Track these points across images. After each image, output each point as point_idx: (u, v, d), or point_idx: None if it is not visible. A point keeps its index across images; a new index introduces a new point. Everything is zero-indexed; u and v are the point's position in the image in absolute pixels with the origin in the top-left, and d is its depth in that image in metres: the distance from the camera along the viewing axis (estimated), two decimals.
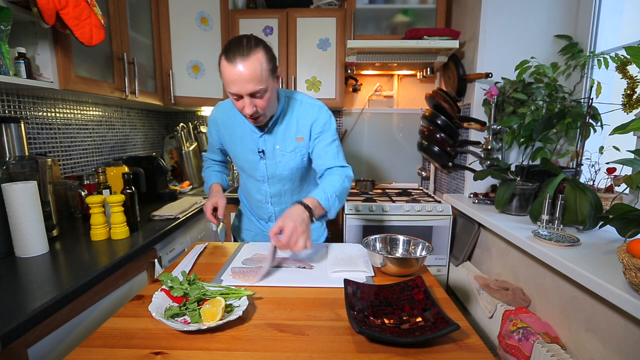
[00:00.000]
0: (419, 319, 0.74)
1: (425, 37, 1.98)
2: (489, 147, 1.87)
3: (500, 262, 1.72)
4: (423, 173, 2.62)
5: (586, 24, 1.74)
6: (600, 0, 1.70)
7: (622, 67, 1.31)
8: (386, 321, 0.75)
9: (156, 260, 1.29)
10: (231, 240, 1.58)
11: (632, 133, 1.32)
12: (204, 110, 2.61)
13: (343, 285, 0.86)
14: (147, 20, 1.90)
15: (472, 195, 1.98)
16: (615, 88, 1.59)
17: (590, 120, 1.53)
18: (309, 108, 1.18)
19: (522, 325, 1.30)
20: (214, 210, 1.26)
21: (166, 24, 2.01)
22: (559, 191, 1.42)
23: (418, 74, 2.56)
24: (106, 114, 1.92)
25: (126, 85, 1.62)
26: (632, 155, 1.17)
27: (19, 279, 0.90)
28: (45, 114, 1.50)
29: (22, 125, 1.16)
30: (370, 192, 2.41)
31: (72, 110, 1.66)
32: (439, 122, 2.09)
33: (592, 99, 1.50)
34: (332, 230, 2.12)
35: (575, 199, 1.36)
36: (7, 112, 1.32)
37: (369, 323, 0.73)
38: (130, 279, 1.15)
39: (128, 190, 1.31)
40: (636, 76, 1.28)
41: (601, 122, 1.55)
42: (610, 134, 1.17)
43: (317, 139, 1.18)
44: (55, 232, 1.23)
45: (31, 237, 1.05)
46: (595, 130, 1.56)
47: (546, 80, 1.74)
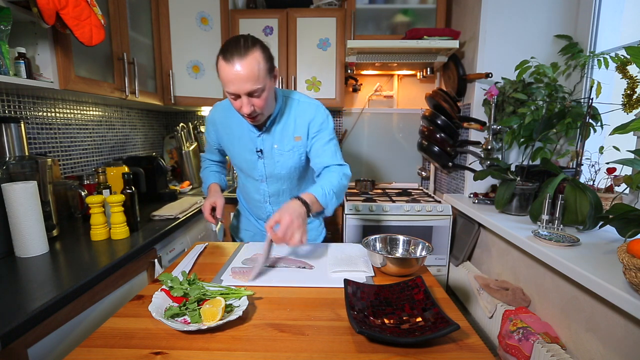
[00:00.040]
0: (419, 319, 0.74)
1: (425, 37, 1.98)
2: (489, 147, 1.87)
3: (500, 262, 1.72)
4: (423, 173, 2.62)
5: (586, 24, 1.75)
6: (600, 0, 1.70)
7: (622, 67, 1.31)
8: (386, 321, 0.75)
9: (156, 260, 1.29)
10: (230, 239, 1.58)
11: (632, 133, 1.32)
12: (204, 110, 2.61)
13: (343, 285, 0.86)
14: (147, 20, 1.90)
15: (472, 195, 1.98)
16: (615, 88, 1.59)
17: (590, 120, 1.53)
18: (307, 107, 1.18)
19: (522, 325, 1.30)
20: (213, 210, 1.26)
21: (166, 24, 2.01)
22: (559, 191, 1.42)
23: (418, 74, 2.56)
24: (106, 114, 1.92)
25: (126, 85, 1.62)
26: (632, 155, 1.17)
27: (19, 279, 0.90)
28: (45, 114, 1.50)
29: (22, 125, 1.16)
30: (370, 192, 2.41)
31: (72, 110, 1.66)
32: (439, 122, 2.09)
33: (592, 99, 1.50)
34: (332, 230, 2.12)
35: (575, 199, 1.36)
36: (7, 112, 1.32)
37: (369, 323, 0.73)
38: (130, 279, 1.15)
39: (128, 190, 1.31)
40: (636, 76, 1.28)
41: (601, 122, 1.55)
42: (610, 134, 1.17)
43: (314, 138, 1.18)
44: (55, 232, 1.23)
45: (31, 237, 1.05)
46: (595, 130, 1.56)
47: (546, 80, 1.74)
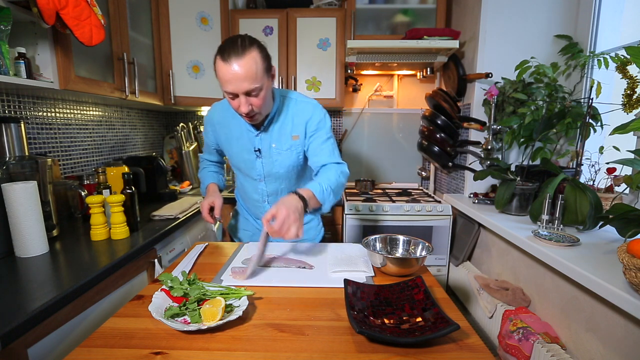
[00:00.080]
0: (419, 319, 0.74)
1: (425, 37, 1.98)
2: (489, 147, 1.87)
3: (500, 262, 1.72)
4: (423, 173, 2.62)
5: (586, 24, 1.75)
6: (600, 0, 1.70)
7: (622, 67, 1.31)
8: (386, 321, 0.75)
9: (156, 260, 1.29)
10: (228, 239, 1.58)
11: (632, 133, 1.32)
12: (204, 110, 2.61)
13: (343, 285, 0.86)
14: (147, 20, 1.90)
15: (472, 195, 1.98)
16: (615, 88, 1.59)
17: (590, 120, 1.53)
18: (304, 106, 1.19)
19: (522, 325, 1.30)
20: (211, 210, 1.27)
21: (166, 24, 2.01)
22: (559, 191, 1.42)
23: (418, 74, 2.56)
24: (106, 114, 1.92)
25: (126, 85, 1.62)
26: (632, 155, 1.17)
27: (19, 279, 0.90)
28: (45, 114, 1.50)
29: (22, 125, 1.16)
30: (370, 192, 2.41)
31: (72, 110, 1.66)
32: (439, 122, 2.09)
33: (592, 99, 1.50)
34: (332, 230, 2.12)
35: (575, 199, 1.36)
36: (7, 112, 1.32)
37: (369, 323, 0.73)
38: (130, 279, 1.15)
39: (128, 190, 1.31)
40: (636, 76, 1.28)
41: (601, 122, 1.55)
42: (610, 134, 1.17)
43: (312, 137, 1.19)
44: (55, 232, 1.23)
45: (31, 237, 1.05)
46: (595, 130, 1.56)
47: (546, 80, 1.74)
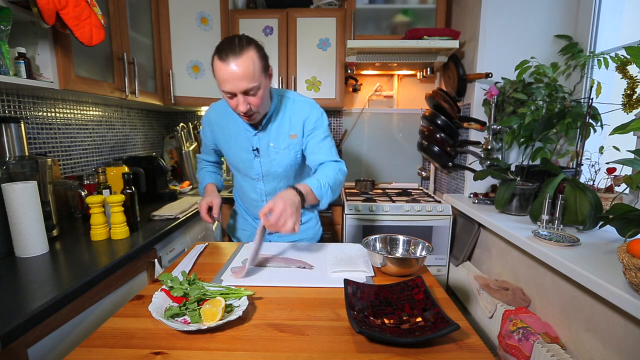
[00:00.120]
0: (419, 319, 0.74)
1: (425, 37, 1.98)
2: (489, 147, 1.87)
3: (500, 262, 1.72)
4: (423, 173, 2.62)
5: (586, 24, 1.74)
6: (600, 0, 1.70)
7: (622, 67, 1.31)
8: (386, 321, 0.75)
9: (156, 260, 1.29)
10: (227, 239, 1.58)
11: (632, 133, 1.32)
12: (204, 110, 2.60)
13: (343, 285, 0.86)
14: (147, 20, 1.90)
15: (472, 195, 1.98)
16: (615, 88, 1.59)
17: (590, 120, 1.53)
18: (301, 106, 1.20)
19: (522, 325, 1.30)
20: (209, 210, 1.27)
21: (166, 24, 2.01)
22: (559, 191, 1.42)
23: (418, 74, 2.56)
24: (106, 114, 1.92)
25: (126, 85, 1.62)
26: (632, 155, 1.17)
27: (19, 279, 0.90)
28: (45, 114, 1.50)
29: (22, 125, 1.16)
30: (370, 192, 2.41)
31: (72, 110, 1.66)
32: (439, 122, 2.09)
33: (592, 99, 1.50)
34: (332, 230, 2.12)
35: (575, 199, 1.36)
36: (7, 112, 1.32)
37: (369, 323, 0.73)
38: (130, 279, 1.15)
39: (128, 190, 1.31)
40: (636, 76, 1.28)
41: (601, 122, 1.55)
42: (610, 134, 1.17)
43: (309, 136, 1.19)
44: (55, 232, 1.23)
45: (31, 237, 1.05)
46: (595, 130, 1.56)
47: (546, 80, 1.74)
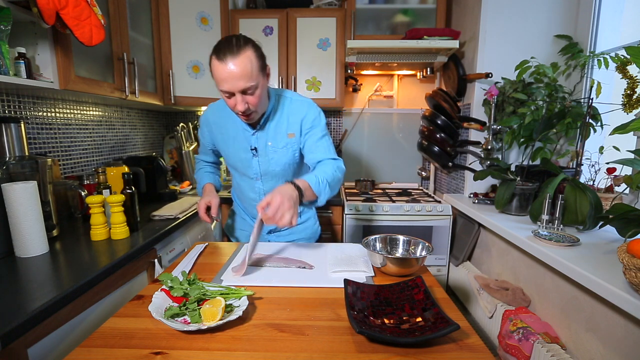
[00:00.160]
0: (419, 319, 0.74)
1: (425, 37, 1.98)
2: (489, 147, 1.87)
3: (500, 262, 1.72)
4: (423, 173, 2.62)
5: (586, 24, 1.74)
6: (600, 0, 1.70)
7: (622, 67, 1.31)
8: (386, 321, 0.75)
9: (156, 260, 1.29)
10: (227, 239, 1.58)
11: (632, 133, 1.32)
12: (204, 110, 2.60)
13: (343, 285, 0.86)
14: (147, 20, 1.90)
15: (472, 195, 1.98)
16: (615, 88, 1.59)
17: (590, 120, 1.53)
18: (299, 105, 1.21)
19: (522, 325, 1.30)
20: (208, 210, 1.28)
21: (166, 24, 2.01)
22: (559, 191, 1.42)
23: (418, 74, 2.56)
24: (106, 114, 1.92)
25: (126, 85, 1.62)
26: (632, 155, 1.17)
27: (19, 279, 0.90)
28: (45, 114, 1.50)
29: (22, 125, 1.16)
30: (370, 192, 2.41)
31: (72, 110, 1.66)
32: (439, 122, 2.09)
33: (592, 99, 1.50)
34: (332, 230, 2.12)
35: (575, 199, 1.36)
36: (7, 112, 1.32)
37: (369, 323, 0.73)
38: (130, 279, 1.15)
39: (128, 190, 1.31)
40: (636, 76, 1.28)
41: (601, 122, 1.55)
42: (610, 134, 1.17)
43: (307, 134, 1.20)
44: (55, 232, 1.23)
45: (31, 237, 1.05)
46: (595, 130, 1.56)
47: (546, 80, 1.74)
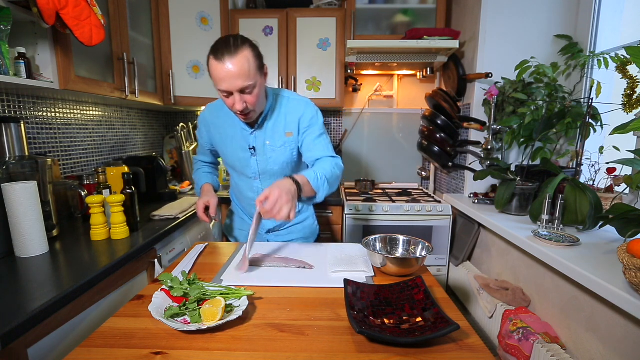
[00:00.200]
0: (419, 319, 0.74)
1: (425, 37, 1.98)
2: (489, 147, 1.87)
3: (500, 262, 1.72)
4: (423, 173, 2.62)
5: (586, 24, 1.74)
6: (600, 0, 1.70)
7: (622, 67, 1.31)
8: (386, 321, 0.75)
9: (156, 260, 1.29)
10: (226, 239, 1.59)
11: (632, 133, 1.32)
12: None
13: (343, 285, 0.86)
14: (147, 20, 1.90)
15: (472, 195, 1.98)
16: (615, 88, 1.59)
17: (590, 120, 1.53)
18: (296, 104, 1.22)
19: (522, 325, 1.30)
20: (206, 209, 1.28)
21: (166, 24, 2.01)
22: (559, 191, 1.42)
23: (418, 74, 2.56)
24: (106, 114, 1.92)
25: (126, 85, 1.62)
26: (632, 155, 1.17)
27: (19, 279, 0.90)
28: (45, 114, 1.50)
29: (22, 125, 1.16)
30: (370, 192, 2.41)
31: (72, 110, 1.66)
32: (439, 122, 2.09)
33: (592, 99, 1.50)
34: (332, 230, 2.12)
35: (575, 199, 1.36)
36: (7, 112, 1.32)
37: (369, 323, 0.73)
38: (130, 279, 1.15)
39: (128, 190, 1.31)
40: (636, 76, 1.28)
41: (601, 122, 1.55)
42: (610, 134, 1.17)
43: (305, 133, 1.21)
44: (55, 232, 1.23)
45: (31, 237, 1.05)
46: (595, 130, 1.56)
47: (546, 80, 1.74)
